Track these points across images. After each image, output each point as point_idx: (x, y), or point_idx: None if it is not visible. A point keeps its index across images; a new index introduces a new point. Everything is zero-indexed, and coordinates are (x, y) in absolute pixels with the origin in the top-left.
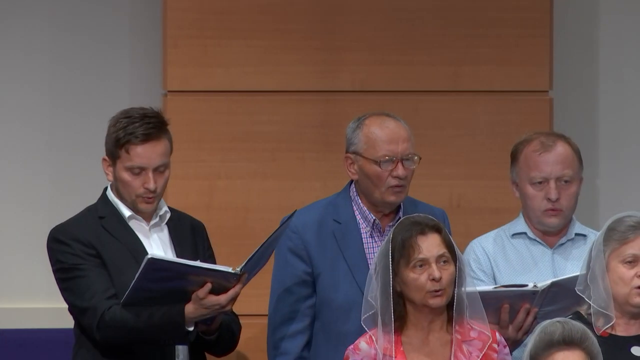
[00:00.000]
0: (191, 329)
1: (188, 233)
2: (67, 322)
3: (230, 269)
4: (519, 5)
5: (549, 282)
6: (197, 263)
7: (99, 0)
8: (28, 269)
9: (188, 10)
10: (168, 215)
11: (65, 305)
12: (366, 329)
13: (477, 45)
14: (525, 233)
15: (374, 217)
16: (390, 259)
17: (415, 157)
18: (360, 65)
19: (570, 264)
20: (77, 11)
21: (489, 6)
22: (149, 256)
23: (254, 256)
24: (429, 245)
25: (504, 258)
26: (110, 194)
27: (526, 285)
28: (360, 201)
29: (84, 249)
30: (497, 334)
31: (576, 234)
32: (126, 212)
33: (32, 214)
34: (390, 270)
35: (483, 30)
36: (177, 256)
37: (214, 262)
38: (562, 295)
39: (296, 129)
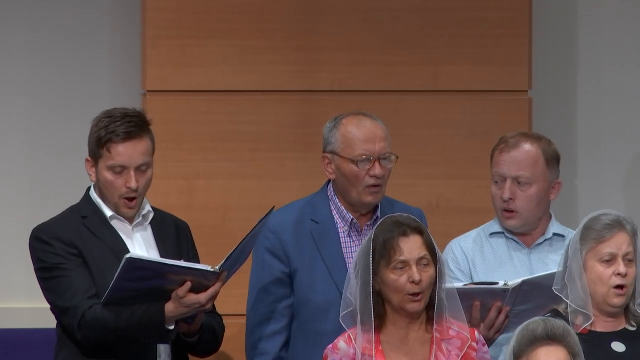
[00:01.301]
0: (172, 327)
1: (172, 233)
2: (48, 322)
3: (209, 268)
4: (498, 5)
5: (519, 280)
6: (176, 262)
7: (78, 1)
8: (8, 269)
9: (167, 11)
10: (151, 215)
11: (46, 306)
12: (344, 326)
13: (456, 45)
14: (503, 232)
15: (351, 217)
16: (371, 259)
17: (393, 157)
18: (339, 65)
19: (547, 264)
20: (55, 12)
21: (468, 6)
22: (128, 256)
23: (232, 254)
24: (411, 247)
25: (481, 257)
26: (93, 194)
27: (497, 283)
28: (338, 201)
29: (66, 249)
30: (476, 332)
31: (554, 234)
32: (108, 212)
33: (12, 215)
34: (371, 270)
35: (462, 30)
36: (161, 256)
37: (198, 262)
38: (534, 294)
39: (276, 129)
